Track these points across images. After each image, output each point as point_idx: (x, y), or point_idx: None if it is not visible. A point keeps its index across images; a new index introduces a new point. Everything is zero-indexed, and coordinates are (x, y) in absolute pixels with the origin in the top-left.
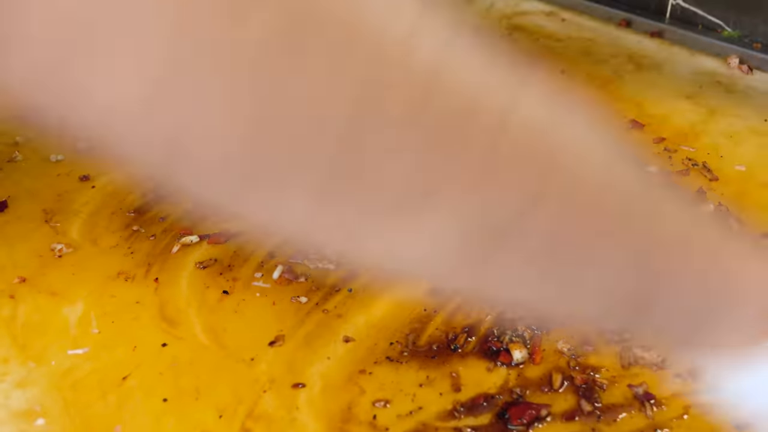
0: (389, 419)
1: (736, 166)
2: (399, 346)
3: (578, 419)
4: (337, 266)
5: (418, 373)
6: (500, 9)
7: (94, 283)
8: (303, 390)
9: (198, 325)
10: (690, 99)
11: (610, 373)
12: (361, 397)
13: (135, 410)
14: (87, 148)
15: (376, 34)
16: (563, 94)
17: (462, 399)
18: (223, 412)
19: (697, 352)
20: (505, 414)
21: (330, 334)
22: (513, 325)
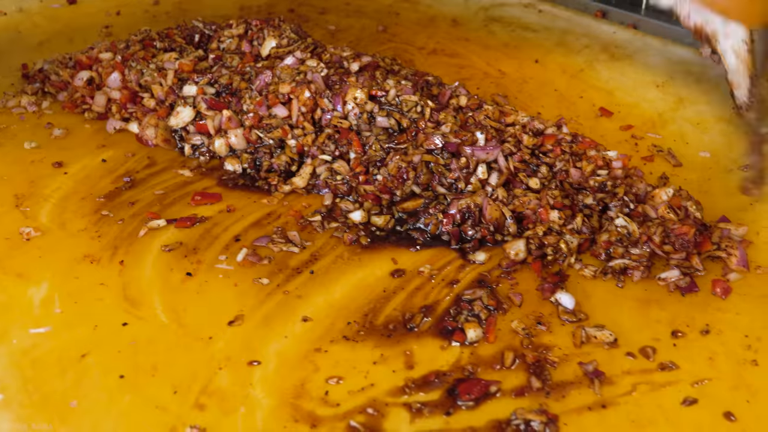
0: (341, 395)
1: (701, 152)
2: (356, 326)
3: (527, 395)
4: (301, 249)
5: (372, 351)
6: (478, 1)
7: (60, 265)
8: (258, 367)
9: (159, 306)
10: (660, 88)
11: (563, 352)
12: (315, 374)
13: (92, 386)
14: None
15: None
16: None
17: (414, 376)
18: (178, 388)
19: None
20: (454, 390)
21: (289, 314)
22: (470, 306)
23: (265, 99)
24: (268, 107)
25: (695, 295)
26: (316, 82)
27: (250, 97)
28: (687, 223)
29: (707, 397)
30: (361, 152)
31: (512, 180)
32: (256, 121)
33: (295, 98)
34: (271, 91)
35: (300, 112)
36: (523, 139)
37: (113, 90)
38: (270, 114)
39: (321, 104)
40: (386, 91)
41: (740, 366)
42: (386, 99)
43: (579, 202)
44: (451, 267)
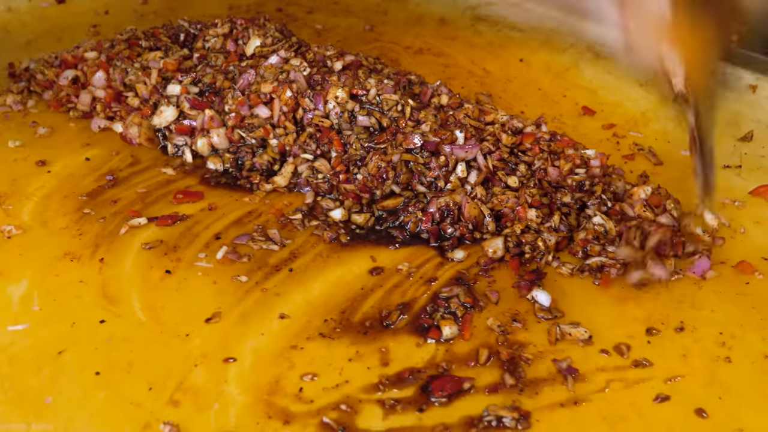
0: (315, 392)
1: (682, 151)
2: (333, 323)
3: (501, 392)
4: (281, 247)
5: (348, 348)
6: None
7: (40, 263)
8: (234, 364)
9: (138, 303)
10: (643, 87)
11: (537, 349)
12: (290, 371)
13: (67, 383)
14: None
15: None
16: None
17: (388, 373)
18: (153, 385)
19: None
20: (428, 387)
21: (266, 312)
22: (446, 303)
23: (247, 99)
24: (250, 107)
25: (671, 292)
26: (297, 81)
27: (233, 97)
28: (663, 225)
29: (680, 393)
30: (342, 151)
31: (491, 178)
32: (238, 120)
33: (276, 98)
34: (253, 91)
35: (281, 111)
36: (501, 137)
37: (98, 89)
38: (252, 114)
39: (302, 104)
40: (367, 90)
41: (713, 363)
42: (367, 98)
43: (557, 200)
44: (430, 265)
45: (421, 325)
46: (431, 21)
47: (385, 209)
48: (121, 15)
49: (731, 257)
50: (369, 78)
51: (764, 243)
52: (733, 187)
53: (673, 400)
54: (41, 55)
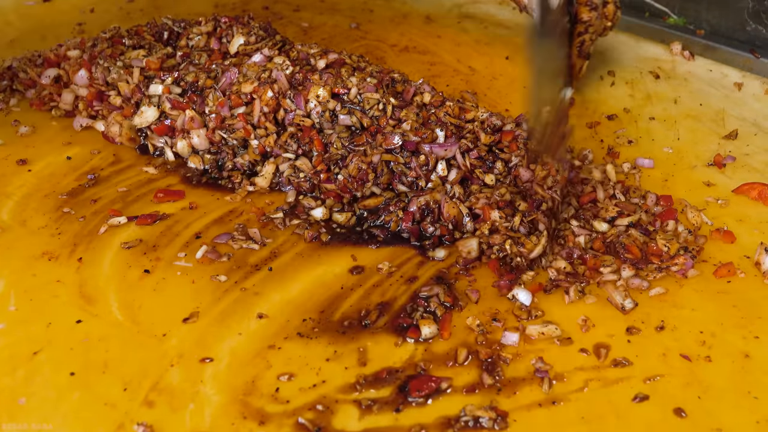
0: (291, 392)
1: (665, 148)
2: (311, 323)
3: (479, 392)
4: (261, 246)
5: (326, 348)
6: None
7: (18, 262)
8: (210, 364)
9: (115, 303)
10: (629, 84)
11: (516, 349)
12: (266, 371)
13: (42, 384)
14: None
15: None
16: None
17: (366, 373)
18: (128, 385)
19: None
20: (405, 387)
21: (245, 311)
22: (426, 303)
23: (228, 100)
24: (231, 108)
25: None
26: (279, 80)
27: (213, 98)
28: (636, 241)
29: (658, 393)
30: (323, 151)
31: (469, 176)
32: (218, 121)
33: (257, 98)
34: (233, 92)
35: (262, 112)
36: (480, 135)
37: (80, 87)
38: (232, 114)
39: (284, 104)
40: (348, 88)
41: (693, 362)
42: (348, 97)
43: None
44: (410, 264)
45: (401, 324)
46: (417, 19)
47: (366, 208)
48: (107, 13)
49: (713, 255)
50: (351, 76)
51: (747, 242)
52: (717, 184)
53: (652, 400)
54: (25, 53)
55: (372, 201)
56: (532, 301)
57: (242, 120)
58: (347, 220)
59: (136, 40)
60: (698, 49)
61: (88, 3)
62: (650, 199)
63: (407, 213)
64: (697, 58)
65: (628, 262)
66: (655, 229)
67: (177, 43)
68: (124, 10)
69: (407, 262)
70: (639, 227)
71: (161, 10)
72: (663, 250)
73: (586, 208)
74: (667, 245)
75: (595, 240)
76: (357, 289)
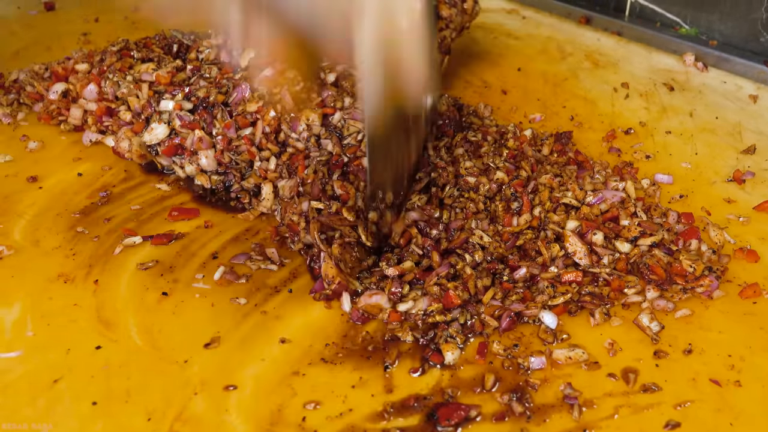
0: (318, 421)
1: (683, 163)
2: (335, 347)
3: (508, 420)
4: (280, 267)
5: (351, 374)
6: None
7: (33, 285)
8: (234, 392)
9: (134, 327)
10: (643, 97)
11: (544, 374)
12: (292, 399)
13: (63, 413)
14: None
15: None
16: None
17: (393, 400)
18: (152, 415)
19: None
20: (434, 415)
21: (266, 336)
22: (449, 327)
23: (234, 121)
24: (237, 129)
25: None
26: (284, 99)
27: (221, 118)
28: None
29: (690, 419)
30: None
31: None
32: (225, 143)
33: (260, 118)
34: (239, 112)
35: (264, 133)
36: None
37: (89, 102)
38: (238, 136)
39: (283, 126)
40: (338, 109)
41: (723, 387)
42: (332, 120)
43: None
44: None
45: (425, 348)
46: None
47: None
48: (112, 23)
49: (737, 275)
50: (347, 96)
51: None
52: (738, 201)
53: (684, 427)
54: (31, 65)
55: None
56: (557, 323)
57: (247, 142)
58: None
59: (144, 52)
60: (711, 60)
61: (91, 12)
62: (672, 217)
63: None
64: (711, 70)
65: (652, 283)
66: (678, 249)
67: (187, 56)
68: (128, 20)
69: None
70: (662, 247)
71: (167, 19)
72: (688, 271)
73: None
74: (692, 266)
75: (618, 261)
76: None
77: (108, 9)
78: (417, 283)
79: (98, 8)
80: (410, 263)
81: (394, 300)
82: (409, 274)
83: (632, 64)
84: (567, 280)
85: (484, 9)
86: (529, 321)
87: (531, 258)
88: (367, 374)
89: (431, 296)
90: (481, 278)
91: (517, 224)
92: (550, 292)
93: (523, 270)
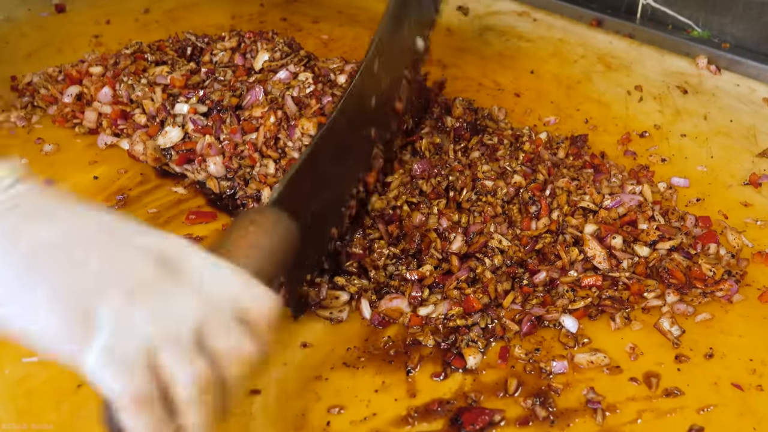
0: (343, 425)
1: (698, 167)
2: (356, 352)
3: (532, 424)
4: None
5: (374, 378)
6: (473, 9)
7: None
8: (258, 397)
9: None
10: (657, 100)
11: (566, 378)
12: (316, 403)
13: (88, 418)
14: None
15: None
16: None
17: (417, 404)
18: None
19: None
20: (458, 419)
21: (288, 340)
22: (470, 331)
23: (240, 127)
24: (243, 134)
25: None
26: (287, 104)
27: (229, 123)
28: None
29: (714, 424)
30: None
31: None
32: (231, 148)
33: (262, 124)
34: (246, 117)
35: (265, 138)
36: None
37: (104, 105)
38: (243, 141)
39: (280, 133)
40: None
41: (745, 391)
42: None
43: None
44: None
45: (446, 352)
46: (438, 31)
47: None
48: (123, 24)
49: (756, 279)
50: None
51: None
52: (755, 204)
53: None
54: (44, 68)
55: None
56: (578, 327)
57: (250, 147)
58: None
59: (158, 55)
60: (723, 62)
61: (102, 13)
62: (689, 220)
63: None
64: (724, 73)
65: (672, 287)
66: (696, 252)
67: (201, 59)
68: (140, 22)
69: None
70: (681, 251)
71: (177, 21)
72: (708, 275)
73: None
74: (712, 270)
75: (637, 265)
76: (399, 316)
77: (119, 11)
78: (436, 287)
79: (109, 10)
80: (429, 267)
81: (415, 304)
82: (429, 278)
83: (645, 66)
84: (587, 284)
85: (495, 11)
86: (550, 325)
87: (550, 262)
88: (389, 378)
89: (451, 300)
90: (501, 282)
91: (535, 228)
92: (570, 296)
93: (542, 274)
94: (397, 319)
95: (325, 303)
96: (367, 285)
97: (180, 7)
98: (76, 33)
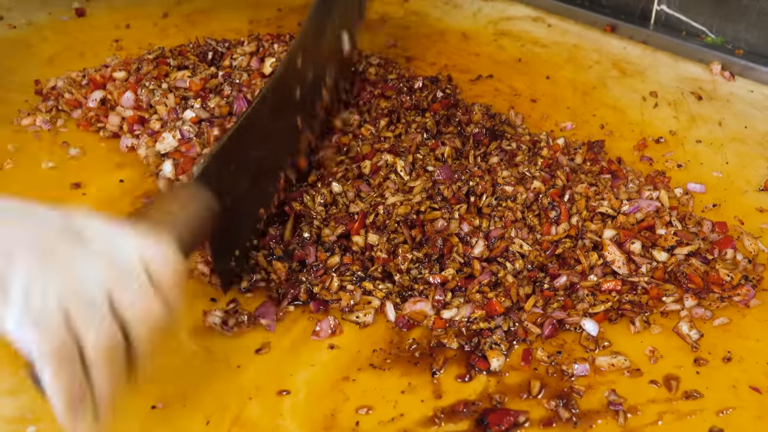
0: (371, 426)
1: (714, 172)
2: (383, 353)
3: (555, 425)
4: None
5: (400, 379)
6: (487, 14)
7: None
8: (288, 397)
9: (186, 332)
10: (672, 106)
11: (588, 380)
12: (344, 403)
13: (124, 417)
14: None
15: None
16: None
17: (443, 405)
18: (210, 419)
19: None
20: (484, 420)
21: (315, 341)
22: (493, 333)
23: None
24: None
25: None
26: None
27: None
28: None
29: (732, 426)
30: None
31: None
32: None
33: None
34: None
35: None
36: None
37: (126, 109)
38: None
39: None
40: None
41: (763, 394)
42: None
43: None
44: None
45: (470, 354)
46: (453, 36)
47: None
48: (142, 29)
49: None
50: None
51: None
52: None
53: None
54: (67, 72)
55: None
56: (598, 331)
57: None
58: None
59: (180, 60)
60: (737, 69)
61: (122, 18)
62: (706, 226)
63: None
64: (738, 79)
65: (690, 291)
66: (713, 258)
67: (221, 63)
68: (159, 26)
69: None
70: (698, 256)
71: (196, 25)
72: (725, 280)
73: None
74: (730, 275)
75: (656, 269)
76: (423, 318)
77: (138, 15)
78: (459, 290)
79: (128, 14)
80: (452, 271)
81: (438, 307)
82: (452, 281)
83: (659, 72)
84: (607, 289)
85: (510, 16)
86: (571, 328)
87: (570, 266)
88: (415, 380)
89: (474, 303)
90: (522, 286)
91: (555, 233)
92: (590, 300)
93: (563, 278)
94: (421, 322)
95: (357, 308)
96: (392, 288)
97: (198, 12)
98: (97, 37)
